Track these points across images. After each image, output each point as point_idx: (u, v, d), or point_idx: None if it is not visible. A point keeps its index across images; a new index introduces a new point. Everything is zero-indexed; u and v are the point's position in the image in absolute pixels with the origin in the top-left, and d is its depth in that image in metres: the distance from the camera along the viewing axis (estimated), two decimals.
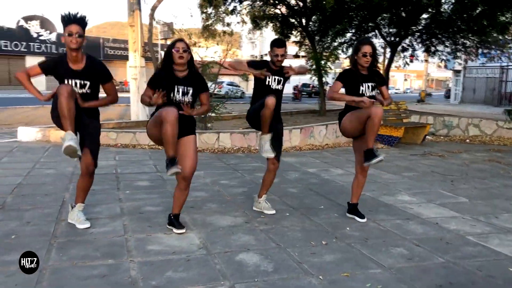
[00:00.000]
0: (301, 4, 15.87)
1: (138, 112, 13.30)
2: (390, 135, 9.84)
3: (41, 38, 39.94)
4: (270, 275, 3.06)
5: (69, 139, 3.41)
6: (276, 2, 16.26)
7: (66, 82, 3.64)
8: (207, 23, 15.14)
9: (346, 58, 25.19)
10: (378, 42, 22.09)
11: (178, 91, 3.66)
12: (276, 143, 4.38)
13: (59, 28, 42.34)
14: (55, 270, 3.01)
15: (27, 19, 39.53)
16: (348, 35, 21.27)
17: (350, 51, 21.55)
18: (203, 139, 8.53)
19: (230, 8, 15.58)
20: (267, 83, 4.26)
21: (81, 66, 3.69)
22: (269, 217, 4.41)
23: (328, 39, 18.29)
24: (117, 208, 4.52)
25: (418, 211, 4.79)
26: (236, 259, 3.32)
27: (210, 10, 15.02)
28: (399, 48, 21.82)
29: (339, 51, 21.73)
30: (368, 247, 3.65)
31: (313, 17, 16.41)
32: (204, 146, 8.46)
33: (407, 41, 21.09)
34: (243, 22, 16.34)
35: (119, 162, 7.00)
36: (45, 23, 40.36)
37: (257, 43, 60.87)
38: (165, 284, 2.87)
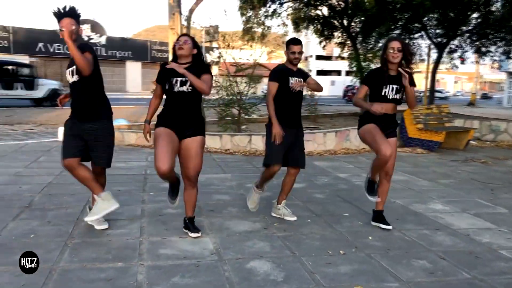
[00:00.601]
0: (342, 4, 15.59)
1: None
2: (431, 139, 9.45)
3: (91, 41, 41.32)
4: (279, 285, 2.94)
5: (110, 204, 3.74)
6: (317, 3, 16.06)
7: (68, 72, 3.66)
8: (247, 26, 15.12)
9: None
10: (425, 43, 21.46)
11: (176, 82, 3.60)
12: (297, 151, 4.27)
13: (109, 31, 43.84)
14: (64, 271, 3.03)
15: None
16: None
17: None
18: (235, 141, 8.49)
19: (270, 10, 15.51)
20: (290, 84, 4.13)
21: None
22: (289, 223, 4.28)
23: (372, 40, 17.89)
24: (138, 210, 4.53)
25: (450, 221, 4.52)
26: (247, 266, 3.23)
27: (250, 13, 15.01)
28: (447, 49, 21.10)
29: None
30: (389, 259, 3.47)
31: (355, 18, 16.10)
32: (235, 148, 8.42)
33: (456, 42, 20.33)
34: (284, 24, 16.23)
35: (150, 163, 7.06)
36: (95, 27, 41.74)
37: (303, 42, 60.54)
38: None
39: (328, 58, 58.71)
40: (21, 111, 16.34)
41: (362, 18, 15.80)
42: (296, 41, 4.18)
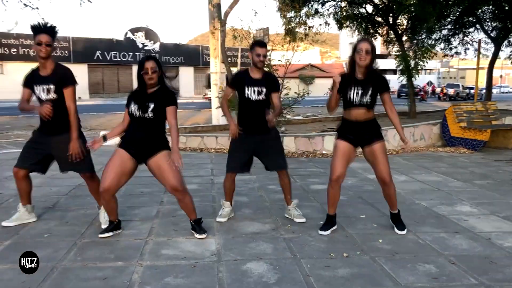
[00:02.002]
0: (386, 1, 15.19)
1: (219, 116, 13.63)
2: (474, 138, 9.00)
3: (146, 48, 42.72)
4: (269, 287, 2.91)
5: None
6: (361, 1, 15.73)
7: (42, 89, 3.83)
8: (288, 26, 15.04)
9: (444, 56, 23.74)
10: (479, 38, 20.47)
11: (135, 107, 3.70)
12: (272, 155, 4.27)
13: (162, 38, 45.13)
14: (65, 270, 3.14)
15: (134, 31, 42.54)
16: (444, 31, 20.00)
17: (447, 47, 20.24)
18: None
19: (312, 10, 15.35)
20: (246, 95, 4.12)
21: (48, 72, 3.86)
22: (300, 225, 4.22)
23: (421, 36, 17.28)
24: (154, 211, 4.63)
25: (473, 224, 4.29)
26: (243, 268, 3.21)
27: (291, 14, 14.93)
28: (505, 43, 20.03)
29: (435, 49, 20.49)
30: (393, 262, 3.33)
31: (400, 15, 15.62)
32: None
33: None
34: (326, 23, 15.99)
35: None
36: (149, 34, 43.13)
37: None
38: None
39: (383, 56, 57.35)
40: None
41: (407, 15, 15.30)
42: (261, 44, 4.16)
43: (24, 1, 14.50)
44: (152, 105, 3.64)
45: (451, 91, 40.88)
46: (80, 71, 31.86)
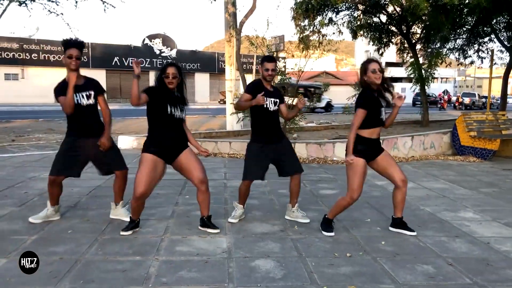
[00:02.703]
0: (399, 10, 15.36)
1: (233, 122, 13.90)
2: (484, 147, 9.11)
3: (163, 54, 43.37)
4: (276, 282, 3.14)
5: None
6: (374, 11, 15.92)
7: (75, 97, 4.17)
8: (302, 35, 15.29)
9: (459, 65, 23.73)
10: (495, 47, 20.47)
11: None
12: (288, 160, 4.54)
13: (179, 45, 45.74)
14: (87, 262, 3.42)
15: (151, 37, 43.24)
16: (459, 41, 20.04)
17: (461, 56, 20.25)
18: None
19: (326, 19, 15.58)
20: (265, 106, 4.40)
21: (83, 81, 4.28)
22: (306, 227, 4.44)
23: (436, 45, 17.39)
24: (169, 211, 4.90)
25: (474, 229, 4.46)
26: (251, 264, 3.45)
27: (305, 22, 15.18)
28: None
29: (450, 57, 20.55)
30: (394, 263, 3.54)
31: (413, 25, 15.78)
32: None
33: None
34: (340, 32, 16.22)
35: None
36: (166, 41, 43.78)
37: (371, 52, 59.51)
38: (173, 282, 3.11)
39: (398, 64, 57.33)
40: None
41: (421, 24, 15.45)
42: (270, 59, 4.46)
43: (48, 8, 15.07)
44: (184, 107, 4.05)
45: (466, 100, 40.70)
46: (98, 77, 32.40)
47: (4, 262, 3.38)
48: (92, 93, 4.29)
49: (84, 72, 4.41)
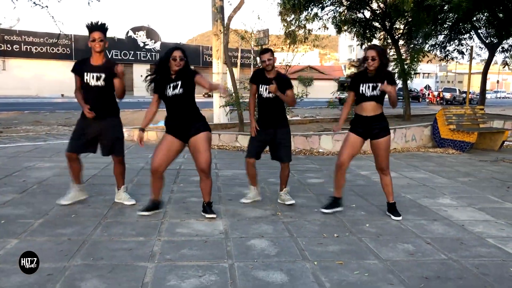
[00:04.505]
0: (382, 6, 15.74)
1: (220, 115, 14.14)
2: (462, 140, 9.54)
3: (146, 47, 43.25)
4: (270, 258, 3.44)
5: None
6: (359, 7, 16.28)
7: (85, 75, 4.41)
8: (289, 29, 15.56)
9: (440, 61, 24.30)
10: (474, 44, 21.04)
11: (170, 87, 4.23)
12: (280, 148, 4.92)
13: (164, 37, 45.61)
14: (94, 243, 3.67)
15: (135, 30, 43.07)
16: (441, 37, 20.56)
17: (440, 52, 20.78)
18: None
19: (312, 15, 15.87)
20: (260, 92, 4.79)
21: (99, 63, 4.49)
22: (296, 211, 4.75)
23: (418, 41, 17.85)
24: (166, 198, 5.15)
25: (450, 214, 4.82)
26: (247, 243, 3.74)
27: (291, 17, 15.45)
28: (499, 49, 20.59)
29: (431, 53, 21.10)
30: (376, 242, 3.87)
31: (396, 21, 16.19)
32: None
33: (510, 41, 19.89)
34: (325, 27, 16.55)
35: (185, 160, 7.71)
36: (150, 33, 43.65)
37: (354, 47, 60.07)
38: (177, 258, 3.38)
39: None
40: None
41: (404, 20, 15.87)
42: (264, 51, 4.79)
43: (34, 0, 15.03)
44: (180, 82, 4.18)
45: (447, 95, 41.55)
46: None
47: (16, 242, 3.61)
48: (103, 75, 4.43)
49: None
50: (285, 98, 4.77)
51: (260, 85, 4.77)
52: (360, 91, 4.40)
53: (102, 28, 4.45)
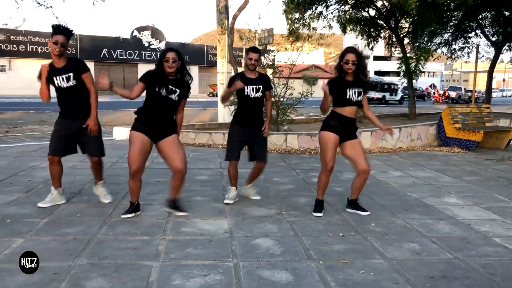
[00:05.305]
0: (387, 4, 15.69)
1: (225, 114, 14.15)
2: (468, 139, 9.49)
3: (151, 46, 43.31)
4: (275, 257, 3.43)
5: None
6: (364, 5, 16.23)
7: (55, 80, 4.35)
8: (293, 27, 15.53)
9: (447, 59, 24.21)
10: (481, 42, 20.94)
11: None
12: (258, 148, 4.92)
13: (168, 37, 45.69)
14: (100, 241, 3.67)
15: (140, 29, 43.13)
16: (447, 35, 20.47)
17: (448, 51, 20.71)
18: (272, 140, 8.99)
19: (316, 13, 15.84)
20: (245, 93, 4.75)
21: (63, 64, 4.41)
22: (301, 210, 4.74)
23: (423, 40, 17.79)
24: None
25: (457, 213, 4.80)
26: (252, 242, 3.73)
27: (296, 15, 15.42)
28: (505, 47, 20.48)
29: (437, 52, 21.03)
30: (382, 241, 3.85)
31: (402, 19, 16.13)
32: (272, 147, 8.90)
33: None
34: (330, 26, 16.51)
35: (190, 159, 7.72)
36: (155, 33, 43.70)
37: (360, 45, 59.84)
38: (182, 257, 3.38)
39: (386, 58, 57.82)
40: None
41: (409, 19, 15.81)
42: (254, 50, 4.79)
43: (38, 0, 15.08)
44: (178, 91, 4.22)
45: (453, 94, 41.38)
46: None
47: (21, 241, 3.62)
48: (71, 74, 4.37)
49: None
50: (269, 121, 5.06)
51: (246, 86, 4.73)
52: (348, 96, 4.40)
53: (67, 32, 4.38)
